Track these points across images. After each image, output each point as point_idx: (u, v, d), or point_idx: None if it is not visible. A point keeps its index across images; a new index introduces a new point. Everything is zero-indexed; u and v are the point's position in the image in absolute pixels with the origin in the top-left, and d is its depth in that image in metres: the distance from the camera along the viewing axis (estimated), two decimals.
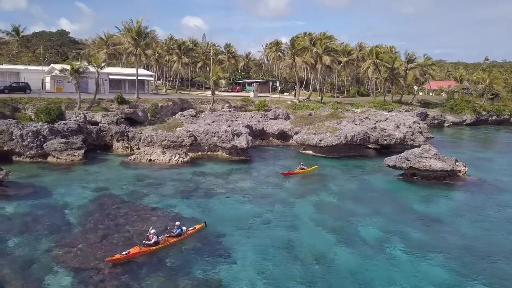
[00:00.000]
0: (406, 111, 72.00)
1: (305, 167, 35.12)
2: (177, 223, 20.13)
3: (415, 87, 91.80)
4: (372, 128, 47.02)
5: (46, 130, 36.96)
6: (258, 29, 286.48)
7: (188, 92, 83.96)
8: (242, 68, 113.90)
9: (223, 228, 21.72)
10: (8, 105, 42.87)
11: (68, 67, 46.11)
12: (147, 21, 58.40)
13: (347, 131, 44.13)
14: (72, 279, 15.79)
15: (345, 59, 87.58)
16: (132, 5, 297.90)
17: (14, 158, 35.89)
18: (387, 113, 59.52)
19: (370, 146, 48.72)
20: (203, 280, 16.18)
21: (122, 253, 17.37)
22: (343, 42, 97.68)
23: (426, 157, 33.36)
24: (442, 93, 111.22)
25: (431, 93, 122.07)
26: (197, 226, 21.23)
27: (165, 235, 19.40)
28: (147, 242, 18.41)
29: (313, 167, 36.00)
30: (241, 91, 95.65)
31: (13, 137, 36.09)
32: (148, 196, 27.19)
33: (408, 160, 33.36)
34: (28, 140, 35.92)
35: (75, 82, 45.65)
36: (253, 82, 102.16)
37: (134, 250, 17.91)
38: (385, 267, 17.77)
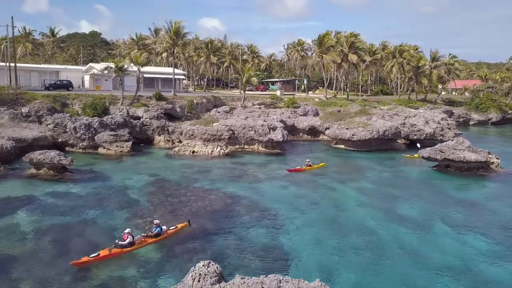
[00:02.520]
0: (431, 109, 72.76)
1: (312, 164, 34.49)
2: (156, 221, 18.36)
3: (440, 86, 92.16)
4: (402, 124, 48.44)
5: (97, 123, 39.58)
6: (274, 29, 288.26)
7: (215, 91, 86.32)
8: (265, 67, 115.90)
9: (273, 205, 23.67)
10: (58, 101, 45.75)
11: (112, 65, 48.69)
12: (184, 21, 60.78)
13: (379, 126, 45.63)
14: (143, 252, 17.77)
15: (369, 58, 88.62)
16: (151, 6, 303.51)
17: (67, 149, 38.47)
18: (414, 110, 60.57)
19: (399, 141, 50.07)
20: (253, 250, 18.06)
21: (90, 256, 15.52)
22: (365, 42, 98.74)
23: (460, 149, 34.60)
24: (465, 92, 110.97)
25: (454, 92, 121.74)
26: (180, 225, 19.38)
27: (142, 234, 17.70)
28: (120, 242, 16.60)
29: (320, 164, 35.47)
30: (265, 90, 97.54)
31: (67, 130, 38.88)
32: (199, 180, 29.34)
33: (442, 152, 34.66)
34: (81, 132, 38.60)
35: (118, 79, 48.23)
36: (277, 82, 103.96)
37: (104, 252, 16.04)
38: (428, 240, 19.34)
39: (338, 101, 65.83)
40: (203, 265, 10.56)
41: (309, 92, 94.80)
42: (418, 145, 43.13)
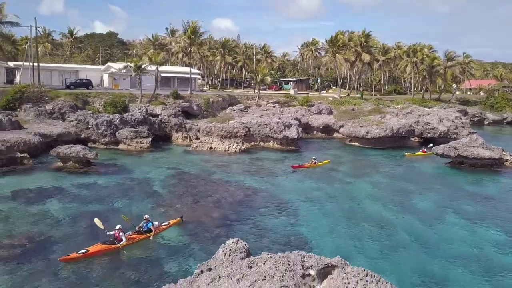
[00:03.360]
0: (445, 108, 72.77)
1: (316, 161, 34.35)
2: (146, 216, 18.01)
3: (454, 85, 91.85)
4: (415, 122, 48.87)
5: (118, 120, 40.95)
6: (287, 30, 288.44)
7: (229, 90, 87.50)
8: (278, 67, 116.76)
9: (290, 197, 24.58)
10: (80, 99, 47.34)
11: (131, 64, 50.12)
12: (201, 21, 61.89)
13: (393, 124, 46.19)
14: (176, 231, 18.84)
15: (383, 57, 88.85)
16: (163, 7, 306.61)
17: (90, 144, 39.79)
18: (428, 109, 60.83)
19: (412, 139, 50.48)
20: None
21: (79, 252, 15.27)
22: (378, 41, 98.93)
23: (474, 146, 35.03)
24: (480, 92, 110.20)
25: (469, 92, 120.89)
26: (172, 221, 19.09)
27: (134, 230, 17.59)
28: (110, 238, 16.54)
29: (324, 161, 35.34)
30: (278, 90, 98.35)
31: (89, 126, 40.32)
32: (218, 174, 30.41)
33: (456, 149, 35.12)
34: (103, 128, 40.00)
35: (137, 78, 49.62)
36: (290, 81, 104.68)
37: (94, 248, 15.81)
38: (441, 230, 20.04)
39: (352, 100, 66.38)
40: (232, 242, 11.55)
41: (322, 92, 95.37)
42: (431, 144, 43.35)
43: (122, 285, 13.89)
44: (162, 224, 18.52)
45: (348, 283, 9.31)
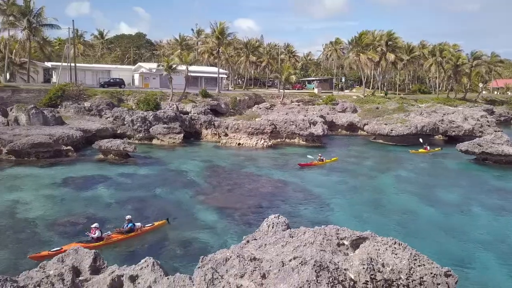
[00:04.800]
0: (470, 107, 72.46)
1: (324, 159, 34.04)
2: (128, 216, 17.34)
3: (480, 85, 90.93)
4: (440, 120, 49.41)
5: (151, 117, 43.19)
6: (309, 30, 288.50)
7: (254, 90, 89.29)
8: (301, 67, 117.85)
9: (317, 189, 25.98)
10: (115, 97, 49.97)
11: (164, 64, 52.48)
12: (229, 22, 63.64)
13: (417, 122, 46.92)
14: (216, 215, 20.60)
15: (407, 57, 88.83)
16: (187, 8, 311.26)
17: (125, 140, 42.16)
18: (453, 108, 60.96)
19: (437, 137, 50.98)
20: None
21: (52, 250, 14.44)
22: (403, 41, 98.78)
23: (499, 143, 35.56)
24: (508, 91, 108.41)
25: (496, 92, 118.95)
26: (157, 223, 18.27)
27: (114, 230, 17.02)
28: (87, 237, 15.86)
29: (332, 159, 35.27)
30: (302, 89, 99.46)
31: (125, 122, 42.71)
32: (248, 167, 32.09)
33: (480, 146, 35.74)
34: (137, 125, 42.32)
35: (168, 77, 51.90)
36: (313, 80, 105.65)
37: (67, 247, 14.31)
38: (465, 220, 21.07)
39: (376, 99, 67.06)
40: (274, 217, 13.16)
41: (346, 91, 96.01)
42: (421, 140, 43.83)
43: (170, 259, 15.60)
44: (146, 226, 17.73)
45: (379, 250, 10.70)
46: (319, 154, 34.68)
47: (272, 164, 33.37)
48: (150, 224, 18.04)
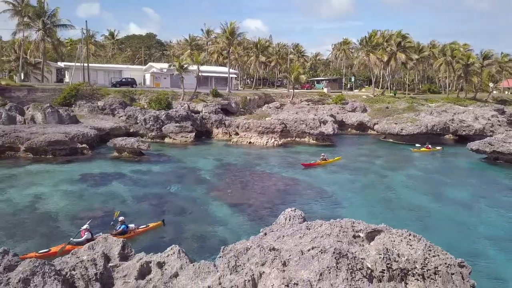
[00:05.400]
0: (481, 107, 72.11)
1: (327, 158, 33.56)
2: (121, 218, 16.94)
3: (491, 85, 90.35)
4: (450, 120, 49.42)
5: (164, 116, 43.82)
6: (317, 30, 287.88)
7: (263, 89, 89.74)
8: (310, 67, 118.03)
9: (329, 187, 26.29)
10: (127, 96, 50.71)
11: (175, 64, 53.13)
12: (239, 22, 64.23)
13: (427, 121, 47.00)
14: (230, 210, 21.05)
15: (417, 56, 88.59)
16: (195, 9, 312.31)
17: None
18: (464, 108, 60.81)
19: (447, 136, 50.97)
20: None
21: (39, 252, 14.35)
22: (413, 40, 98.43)
23: (510, 142, 35.56)
24: None
25: (506, 91, 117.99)
26: (152, 224, 17.89)
27: (108, 232, 15.59)
28: (76, 239, 15.34)
29: (335, 158, 34.88)
30: (311, 89, 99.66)
31: (138, 121, 43.41)
32: (259, 165, 32.52)
33: (491, 145, 35.79)
34: (150, 123, 42.97)
35: (180, 76, 52.53)
36: (322, 80, 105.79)
37: (56, 248, 14.73)
38: (475, 216, 21.25)
39: (386, 98, 67.09)
40: (291, 210, 13.57)
41: (355, 90, 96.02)
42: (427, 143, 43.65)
43: (188, 252, 16.05)
44: (140, 227, 17.46)
45: (394, 241, 11.05)
46: (322, 154, 33.97)
47: (283, 162, 33.76)
48: (144, 226, 17.60)
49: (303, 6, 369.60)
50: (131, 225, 17.17)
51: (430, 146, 41.93)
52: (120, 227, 16.69)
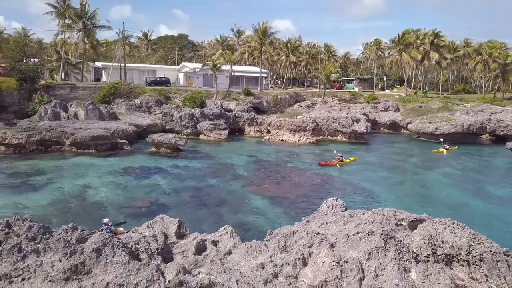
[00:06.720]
0: None
1: (343, 158, 32.39)
2: (105, 220, 15.39)
3: None
4: (487, 119, 48.19)
5: (198, 114, 44.94)
6: (347, 30, 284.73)
7: (293, 89, 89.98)
8: (340, 66, 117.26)
9: (364, 183, 26.42)
10: (162, 94, 52.20)
11: (209, 63, 54.33)
12: (271, 22, 65.16)
13: (463, 120, 46.09)
14: (267, 203, 21.62)
15: (451, 56, 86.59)
16: (224, 10, 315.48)
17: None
18: (501, 107, 59.11)
19: (483, 136, 49.74)
20: None
21: None
22: (446, 39, 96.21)
23: None
24: None
25: None
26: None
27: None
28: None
29: (351, 159, 33.67)
30: (341, 88, 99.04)
31: (173, 118, 44.69)
32: (293, 162, 32.96)
33: None
34: (185, 121, 44.16)
35: (213, 75, 53.63)
36: (353, 80, 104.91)
37: None
38: None
39: (419, 98, 66.04)
40: (333, 199, 13.97)
41: (387, 90, 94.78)
42: (441, 139, 42.71)
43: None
44: (124, 231, 15.70)
45: (437, 229, 11.29)
46: (339, 154, 32.75)
47: (316, 159, 33.99)
48: (126, 231, 15.55)
49: (333, 5, 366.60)
50: (120, 229, 15.51)
51: (448, 146, 40.62)
52: (106, 231, 14.70)
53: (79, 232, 9.94)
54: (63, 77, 60.63)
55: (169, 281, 8.46)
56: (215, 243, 10.16)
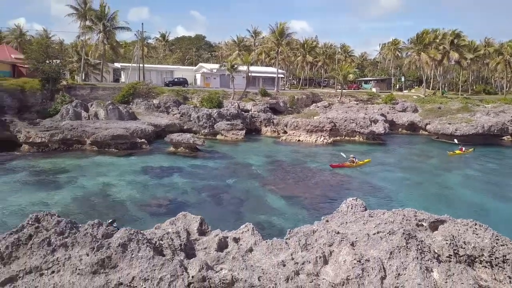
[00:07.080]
0: None
1: (356, 160, 31.75)
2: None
3: None
4: (509, 121, 47.26)
5: (216, 114, 45.30)
6: (363, 30, 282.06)
7: (309, 90, 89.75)
8: (357, 67, 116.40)
9: (382, 184, 26.26)
10: (180, 95, 52.76)
11: (227, 64, 54.71)
12: (288, 23, 65.08)
13: (483, 121, 45.30)
14: (285, 202, 21.71)
15: (471, 55, 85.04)
16: (240, 11, 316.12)
17: None
18: None
19: (505, 138, 48.72)
20: None
21: None
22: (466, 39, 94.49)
23: None
24: None
25: None
26: None
27: None
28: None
29: (365, 160, 32.97)
30: (358, 89, 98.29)
31: (191, 119, 45.15)
32: (310, 162, 32.97)
33: None
34: (203, 121, 44.58)
35: (231, 76, 53.97)
36: (370, 80, 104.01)
37: None
38: None
39: (438, 99, 65.09)
40: (353, 199, 13.97)
41: (405, 91, 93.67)
42: (455, 140, 41.83)
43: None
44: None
45: (459, 230, 11.20)
46: (352, 156, 32.14)
47: (334, 160, 33.87)
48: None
49: (349, 6, 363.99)
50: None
51: (464, 148, 39.73)
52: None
53: (104, 227, 10.23)
54: (83, 78, 61.85)
55: (192, 277, 8.66)
56: (236, 240, 10.32)
